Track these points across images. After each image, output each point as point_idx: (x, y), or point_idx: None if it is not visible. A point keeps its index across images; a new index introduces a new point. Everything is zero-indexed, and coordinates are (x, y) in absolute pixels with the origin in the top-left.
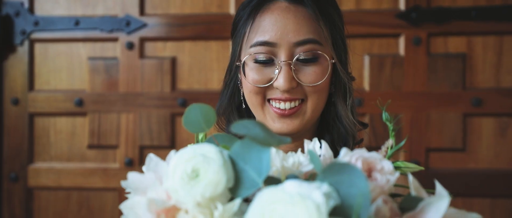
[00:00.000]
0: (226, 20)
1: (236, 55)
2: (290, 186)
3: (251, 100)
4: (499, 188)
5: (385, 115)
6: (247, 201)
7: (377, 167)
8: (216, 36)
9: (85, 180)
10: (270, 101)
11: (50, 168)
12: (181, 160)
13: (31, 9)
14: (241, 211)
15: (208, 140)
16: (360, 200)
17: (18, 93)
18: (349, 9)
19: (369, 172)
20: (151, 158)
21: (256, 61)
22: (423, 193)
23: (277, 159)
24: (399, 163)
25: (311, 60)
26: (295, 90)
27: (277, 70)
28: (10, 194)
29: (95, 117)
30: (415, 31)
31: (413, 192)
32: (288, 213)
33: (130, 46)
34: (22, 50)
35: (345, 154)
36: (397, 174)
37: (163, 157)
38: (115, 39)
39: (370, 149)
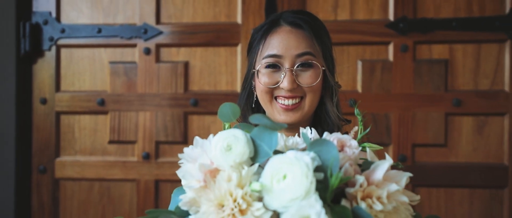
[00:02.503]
0: (234, 28)
1: (251, 65)
2: (290, 153)
3: (263, 98)
4: (476, 179)
5: (356, 111)
6: (260, 166)
7: (347, 144)
8: (225, 43)
9: (106, 172)
10: (277, 99)
11: (75, 161)
12: (220, 138)
13: (58, 18)
14: (258, 172)
15: (235, 127)
16: (332, 161)
17: (46, 93)
18: (344, 19)
19: (341, 147)
20: (197, 140)
21: (267, 68)
22: (375, 159)
23: (281, 140)
24: (365, 144)
25: (308, 67)
26: (296, 90)
27: (282, 75)
28: (39, 184)
29: (115, 115)
30: (403, 40)
31: (369, 159)
32: (289, 169)
33: (147, 51)
34: (50, 55)
35: (326, 136)
36: (360, 148)
37: (177, 151)
38: (133, 45)
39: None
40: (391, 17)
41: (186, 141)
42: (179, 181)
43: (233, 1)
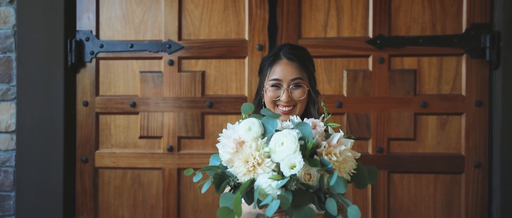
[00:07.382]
0: (242, 44)
1: (262, 84)
2: (285, 131)
3: (269, 106)
4: (440, 167)
5: (322, 104)
6: (268, 139)
7: (317, 125)
8: (235, 56)
9: (137, 161)
10: (278, 106)
11: (111, 153)
12: (244, 123)
13: (97, 36)
14: (267, 142)
15: (250, 116)
16: (308, 134)
17: (87, 97)
18: (332, 36)
19: (314, 126)
20: (229, 125)
21: (272, 87)
22: (334, 132)
23: (279, 123)
24: (330, 124)
25: (298, 87)
26: (290, 101)
27: (282, 92)
28: (82, 172)
29: (144, 115)
30: (380, 53)
31: (330, 133)
32: (284, 139)
33: (171, 63)
34: (91, 66)
35: (305, 120)
36: (325, 127)
37: (195, 145)
38: (160, 58)
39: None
40: (370, 35)
41: (203, 136)
42: (197, 168)
43: (242, 21)
